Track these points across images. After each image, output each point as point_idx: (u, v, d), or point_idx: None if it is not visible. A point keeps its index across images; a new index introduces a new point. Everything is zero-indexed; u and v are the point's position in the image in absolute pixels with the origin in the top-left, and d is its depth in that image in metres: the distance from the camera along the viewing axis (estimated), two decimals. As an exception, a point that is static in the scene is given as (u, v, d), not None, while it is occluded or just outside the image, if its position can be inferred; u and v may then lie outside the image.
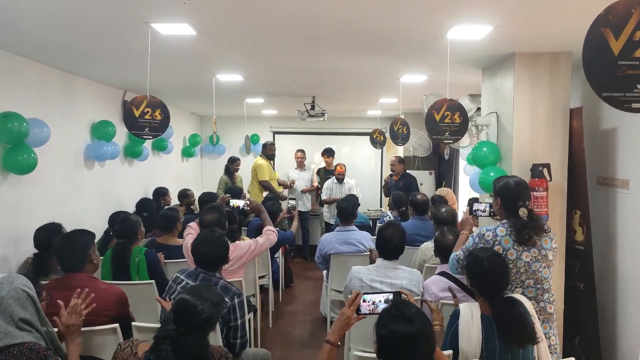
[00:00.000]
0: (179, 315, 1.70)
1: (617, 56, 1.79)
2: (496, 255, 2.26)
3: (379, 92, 5.69)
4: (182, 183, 7.23)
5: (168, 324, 1.69)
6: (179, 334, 1.66)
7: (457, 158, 6.74)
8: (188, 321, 1.69)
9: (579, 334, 3.49)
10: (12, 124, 3.21)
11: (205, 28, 2.84)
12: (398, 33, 2.95)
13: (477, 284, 2.22)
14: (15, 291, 1.75)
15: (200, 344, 1.68)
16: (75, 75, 4.39)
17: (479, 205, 2.93)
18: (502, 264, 2.25)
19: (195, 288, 1.84)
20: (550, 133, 3.40)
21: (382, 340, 1.67)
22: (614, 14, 1.76)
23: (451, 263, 2.70)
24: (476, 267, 2.20)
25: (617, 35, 1.77)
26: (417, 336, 1.61)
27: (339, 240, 4.20)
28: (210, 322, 1.74)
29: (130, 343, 1.77)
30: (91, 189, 4.69)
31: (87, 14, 2.58)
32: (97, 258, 2.56)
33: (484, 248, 2.38)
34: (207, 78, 4.56)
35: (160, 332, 1.70)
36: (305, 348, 4.31)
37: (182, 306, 1.72)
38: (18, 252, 3.48)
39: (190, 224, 3.52)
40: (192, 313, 1.70)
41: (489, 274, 2.16)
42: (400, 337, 1.62)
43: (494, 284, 2.16)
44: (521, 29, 2.86)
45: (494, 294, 2.14)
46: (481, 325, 2.07)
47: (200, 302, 1.73)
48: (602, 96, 1.85)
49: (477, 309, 2.14)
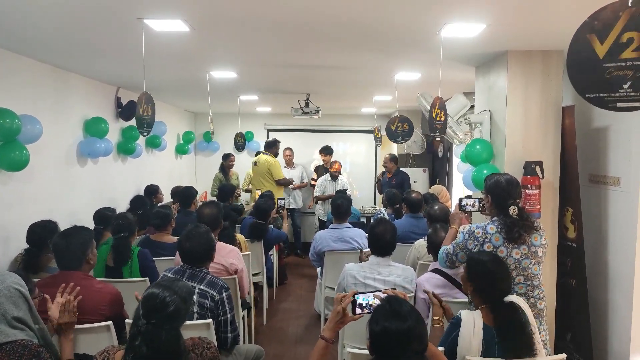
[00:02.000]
0: (147, 309, 1.67)
1: (602, 59, 1.89)
2: (497, 257, 2.27)
3: (373, 90, 5.70)
4: (176, 180, 7.21)
5: (138, 320, 1.67)
6: (149, 328, 1.63)
7: (450, 156, 6.76)
8: (157, 314, 1.66)
9: (571, 331, 3.52)
10: (3, 120, 3.18)
11: (198, 24, 2.83)
12: (392, 30, 2.96)
13: (481, 289, 2.20)
14: (7, 289, 1.74)
15: (172, 337, 1.65)
16: (67, 72, 4.36)
17: (468, 200, 2.95)
18: (504, 264, 2.25)
19: (164, 281, 1.81)
20: (543, 131, 3.42)
21: (374, 337, 1.68)
22: (599, 19, 1.86)
23: (440, 257, 2.71)
24: (480, 271, 2.20)
25: (603, 40, 1.87)
26: (409, 333, 1.62)
27: (333, 237, 4.21)
28: (178, 314, 1.70)
29: (105, 354, 1.76)
30: (84, 186, 4.66)
31: (79, 9, 2.56)
32: (94, 258, 2.56)
33: (483, 252, 2.38)
34: (201, 75, 4.54)
35: (132, 330, 1.68)
36: (299, 345, 4.32)
37: (150, 299, 1.69)
38: (8, 249, 3.45)
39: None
40: (160, 305, 1.67)
41: (494, 276, 2.16)
42: (392, 333, 1.62)
43: (499, 286, 2.16)
44: (514, 27, 2.87)
45: (498, 298, 2.14)
46: (482, 336, 2.06)
47: (168, 294, 1.70)
48: (586, 97, 1.95)
49: (479, 319, 2.11)
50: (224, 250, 3.35)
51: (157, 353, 1.63)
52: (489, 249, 2.43)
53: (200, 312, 2.50)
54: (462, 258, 2.54)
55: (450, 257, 2.60)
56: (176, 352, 1.67)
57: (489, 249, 2.43)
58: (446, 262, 2.65)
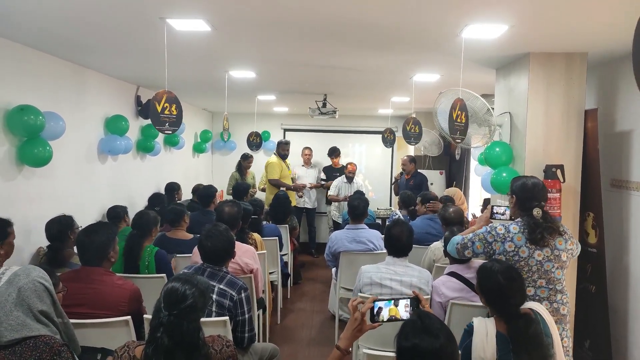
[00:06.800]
0: (168, 302, 1.73)
1: None
2: (511, 269, 2.17)
3: (391, 91, 5.68)
4: (193, 179, 7.28)
5: (159, 313, 1.72)
6: (171, 319, 1.69)
7: (468, 158, 6.70)
8: (177, 306, 1.71)
9: (590, 338, 3.46)
10: (28, 117, 3.24)
11: (219, 24, 2.85)
12: (413, 31, 2.94)
13: (492, 302, 2.14)
14: (32, 283, 1.77)
15: (192, 328, 1.71)
16: (89, 69, 4.43)
17: (499, 208, 2.89)
18: (518, 277, 2.15)
19: (183, 275, 1.87)
20: (564, 134, 3.37)
21: (402, 353, 1.59)
22: None
23: (452, 241, 2.68)
24: (491, 284, 2.12)
25: None
26: (440, 352, 1.54)
27: (348, 238, 4.20)
28: (198, 306, 1.76)
29: (126, 348, 1.79)
30: (103, 183, 4.73)
31: (104, 8, 2.60)
32: (115, 255, 2.60)
33: (496, 260, 2.30)
34: (220, 74, 4.58)
35: (153, 322, 1.73)
36: (313, 345, 4.32)
37: (171, 292, 1.75)
38: (29, 242, 3.53)
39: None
40: (181, 298, 1.73)
41: (505, 290, 2.08)
42: (422, 351, 1.54)
43: (511, 299, 2.08)
44: (537, 29, 2.84)
45: (510, 310, 2.07)
46: (496, 345, 2.00)
47: (188, 287, 1.76)
48: None
49: (492, 326, 2.06)
50: (239, 250, 3.35)
51: (178, 344, 1.67)
52: (510, 248, 2.40)
53: (219, 311, 2.51)
54: (477, 248, 2.52)
55: (464, 244, 2.57)
56: (196, 343, 1.71)
57: (510, 248, 2.40)
58: (456, 247, 2.62)
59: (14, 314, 1.70)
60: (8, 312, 1.70)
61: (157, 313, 1.72)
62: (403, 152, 7.87)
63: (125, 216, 4.18)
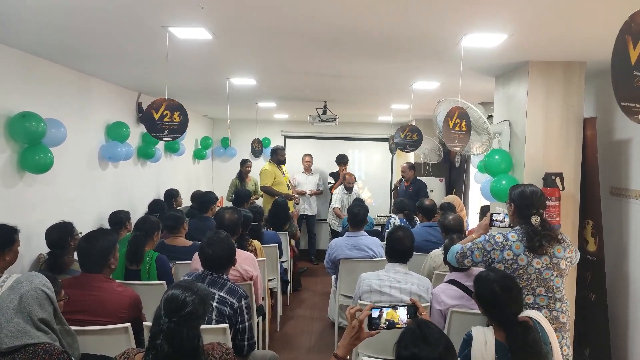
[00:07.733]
0: (168, 309, 1.72)
1: (633, 65, 1.73)
2: (507, 278, 2.19)
3: (391, 98, 5.70)
4: (193, 185, 7.29)
5: (159, 320, 1.72)
6: (171, 326, 1.68)
7: (467, 166, 6.71)
8: (177, 313, 1.71)
9: (590, 346, 3.45)
10: (29, 123, 3.26)
11: (221, 32, 2.87)
12: (412, 40, 2.97)
13: (489, 311, 2.16)
14: (34, 290, 1.77)
15: (192, 335, 1.71)
16: (91, 77, 4.45)
17: (498, 215, 2.90)
18: (514, 286, 2.17)
19: (183, 282, 1.88)
20: (564, 142, 3.39)
21: None
22: (636, 22, 1.69)
23: (452, 250, 2.68)
24: (487, 294, 2.14)
25: (635, 44, 1.71)
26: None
27: (348, 245, 4.20)
28: (198, 313, 1.76)
29: (126, 355, 1.79)
30: (104, 189, 4.74)
31: (106, 17, 2.63)
32: (115, 262, 2.61)
33: (492, 269, 2.32)
34: (221, 81, 4.60)
35: (153, 329, 1.73)
36: (312, 353, 4.30)
37: (171, 299, 1.75)
38: (30, 249, 3.53)
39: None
40: (181, 305, 1.73)
41: (501, 299, 2.10)
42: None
43: (508, 308, 2.10)
44: (536, 38, 2.86)
45: (507, 319, 2.08)
46: (495, 353, 2.01)
47: (188, 294, 1.76)
48: (621, 105, 1.80)
49: (490, 335, 2.07)
50: (239, 257, 3.35)
51: (178, 351, 1.67)
52: (508, 256, 2.41)
53: (219, 319, 2.50)
54: (476, 257, 2.52)
55: (463, 253, 2.57)
56: (196, 351, 1.71)
57: (508, 256, 2.41)
58: (456, 256, 2.62)
59: (15, 321, 1.70)
60: (9, 318, 1.70)
61: (157, 320, 1.72)
62: (403, 159, 7.89)
63: (127, 223, 4.17)
